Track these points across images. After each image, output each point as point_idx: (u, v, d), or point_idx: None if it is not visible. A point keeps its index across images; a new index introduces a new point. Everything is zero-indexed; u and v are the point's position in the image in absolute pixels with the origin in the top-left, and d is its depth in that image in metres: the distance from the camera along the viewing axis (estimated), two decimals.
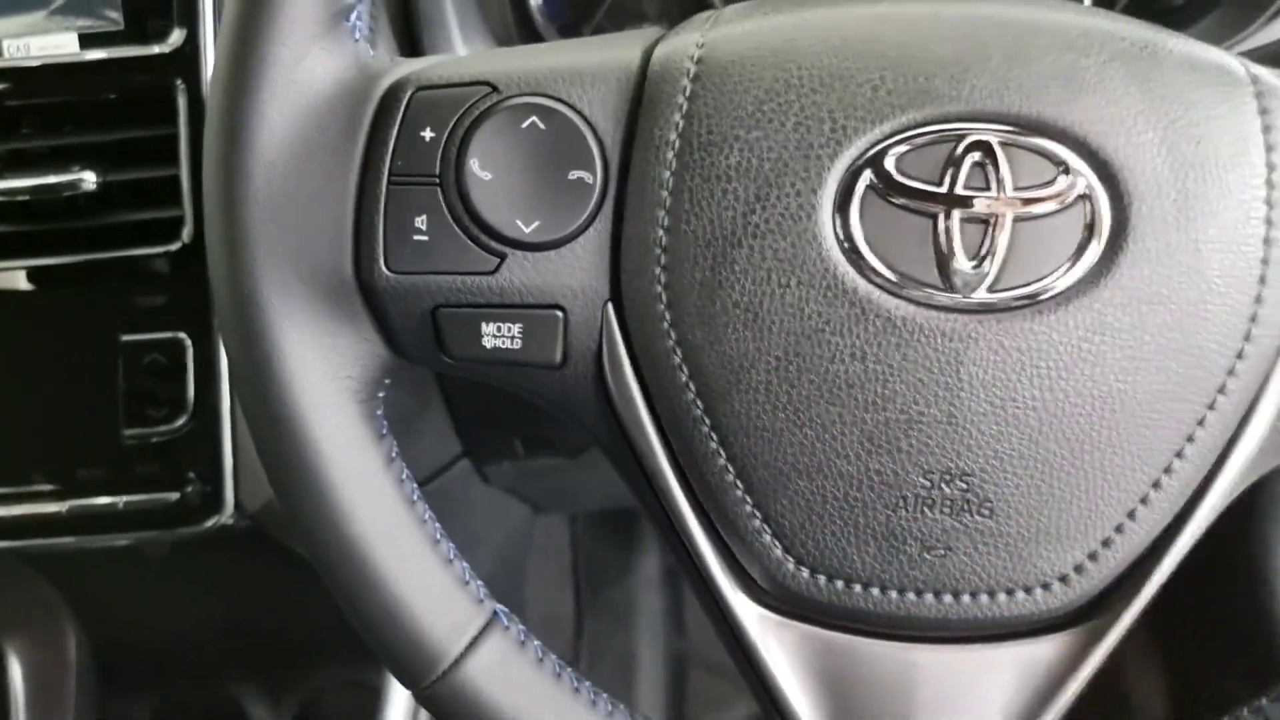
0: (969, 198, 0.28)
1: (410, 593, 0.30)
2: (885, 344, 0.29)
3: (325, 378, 0.30)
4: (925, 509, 0.29)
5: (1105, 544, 0.30)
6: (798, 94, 0.29)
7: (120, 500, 0.48)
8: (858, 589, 0.30)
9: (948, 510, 0.29)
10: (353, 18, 0.30)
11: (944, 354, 0.29)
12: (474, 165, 0.29)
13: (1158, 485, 0.30)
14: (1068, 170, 0.28)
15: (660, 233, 0.29)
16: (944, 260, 0.28)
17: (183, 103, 0.44)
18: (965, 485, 0.29)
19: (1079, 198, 0.28)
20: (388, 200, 0.29)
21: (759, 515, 0.30)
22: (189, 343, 0.46)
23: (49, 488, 0.48)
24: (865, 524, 0.30)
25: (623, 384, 0.30)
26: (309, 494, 0.30)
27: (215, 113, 0.29)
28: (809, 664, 0.32)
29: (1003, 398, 0.29)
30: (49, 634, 0.68)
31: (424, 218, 0.29)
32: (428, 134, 0.29)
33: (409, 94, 0.30)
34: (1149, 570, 0.31)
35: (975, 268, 0.28)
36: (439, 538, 0.32)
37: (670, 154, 0.29)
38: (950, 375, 0.29)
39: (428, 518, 0.32)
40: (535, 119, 0.29)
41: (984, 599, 0.30)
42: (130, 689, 0.67)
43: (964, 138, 0.28)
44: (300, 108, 0.29)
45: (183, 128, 0.44)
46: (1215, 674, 0.97)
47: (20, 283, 0.47)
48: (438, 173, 0.29)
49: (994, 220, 0.28)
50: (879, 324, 0.29)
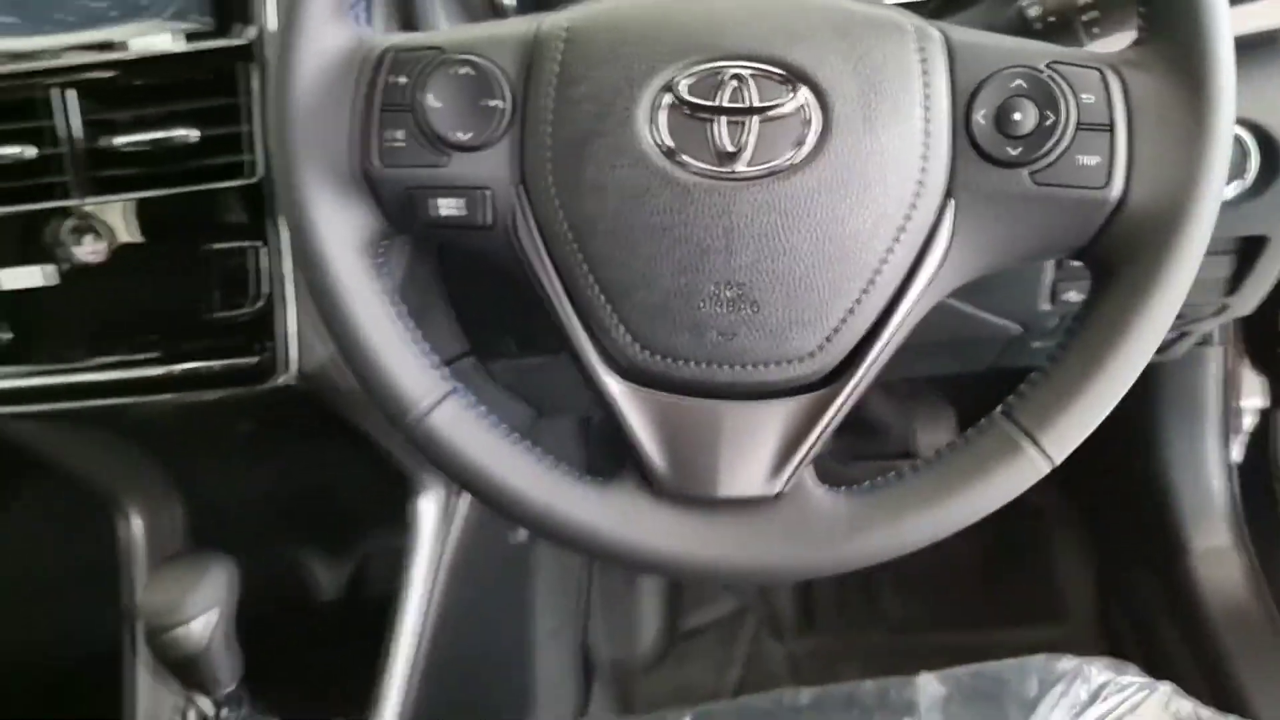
0: (730, 108, 0.46)
1: (391, 360, 0.49)
2: (683, 202, 0.46)
3: (341, 234, 0.48)
4: (715, 306, 0.47)
5: (836, 330, 0.47)
6: (624, 47, 0.46)
7: (213, 364, 0.67)
8: (680, 363, 0.48)
9: (730, 307, 0.46)
10: (357, 9, 0.49)
11: (720, 207, 0.46)
12: (430, 99, 0.47)
13: (866, 291, 0.46)
14: (794, 90, 0.46)
15: (546, 138, 0.47)
16: (717, 148, 0.46)
17: (255, 79, 0.63)
18: (739, 290, 0.46)
19: (799, 107, 0.46)
20: (378, 122, 0.48)
21: (616, 316, 0.47)
22: (260, 248, 0.65)
23: (158, 355, 0.67)
24: (681, 319, 0.47)
25: (529, 236, 0.48)
26: (330, 299, 0.48)
27: (272, 71, 0.48)
28: (651, 417, 0.49)
29: (758, 233, 0.46)
30: (158, 500, 0.88)
31: (400, 132, 0.47)
32: (400, 80, 0.47)
33: (389, 56, 0.48)
34: (866, 351, 0.47)
35: (736, 152, 0.46)
36: (416, 338, 0.50)
37: (550, 89, 0.47)
38: (725, 219, 0.46)
39: (408, 325, 0.50)
40: (467, 69, 0.47)
41: (760, 369, 0.47)
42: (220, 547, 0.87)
43: (726, 71, 0.46)
44: (322, 64, 0.47)
45: (255, 95, 0.63)
46: (1129, 553, 1.12)
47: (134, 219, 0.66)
48: (408, 104, 0.47)
49: (746, 123, 0.46)
50: (679, 190, 0.46)
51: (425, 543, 0.86)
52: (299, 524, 0.95)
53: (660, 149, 0.46)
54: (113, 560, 0.86)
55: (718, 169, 0.46)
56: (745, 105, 0.45)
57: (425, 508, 0.85)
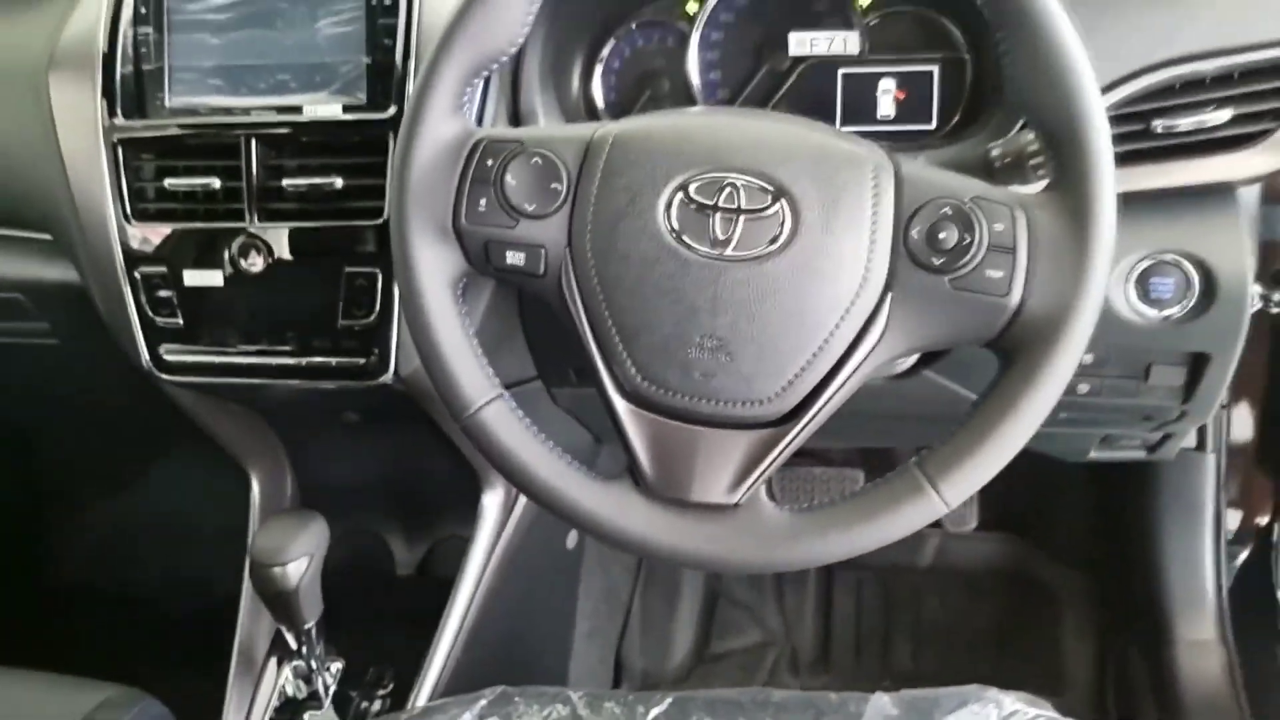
0: (724, 208, 0.61)
1: (458, 368, 0.65)
2: (683, 272, 0.61)
3: (433, 272, 0.65)
4: (700, 353, 0.62)
5: (791, 381, 0.61)
6: (653, 155, 0.63)
7: (333, 360, 0.86)
8: (671, 394, 0.63)
9: (711, 355, 0.62)
10: (465, 106, 0.67)
11: (710, 279, 0.61)
12: (509, 178, 0.64)
13: (817, 354, 0.61)
14: (774, 200, 0.61)
15: (589, 215, 0.63)
16: (712, 236, 0.61)
17: (391, 144, 0.82)
18: (719, 343, 0.61)
19: (776, 212, 0.61)
20: (469, 191, 0.65)
21: (626, 352, 0.63)
22: (379, 275, 0.84)
23: (293, 349, 0.86)
24: (674, 359, 0.62)
25: (570, 286, 0.64)
26: (419, 317, 0.65)
27: (397, 146, 0.66)
28: (646, 433, 0.64)
29: (737, 301, 0.61)
30: (277, 468, 1.07)
31: (484, 200, 0.65)
32: (489, 162, 0.65)
33: (483, 144, 0.65)
34: (815, 400, 0.62)
35: (726, 240, 0.61)
36: (479, 354, 0.67)
37: (596, 179, 0.63)
38: (712, 289, 0.61)
39: (475, 344, 0.67)
40: (538, 158, 0.64)
41: (731, 405, 0.62)
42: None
43: (725, 180, 0.61)
44: (435, 147, 0.65)
45: (389, 157, 0.82)
46: (1125, 637, 1.21)
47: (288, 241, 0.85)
48: (492, 180, 0.65)
49: (736, 220, 0.61)
50: (681, 263, 0.62)
51: (485, 533, 1.02)
52: (386, 503, 1.13)
53: (671, 232, 0.62)
54: (237, 513, 1.05)
55: (711, 251, 0.61)
56: (735, 207, 0.61)
57: (490, 502, 1.02)
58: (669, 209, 0.62)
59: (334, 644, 0.96)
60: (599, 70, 0.89)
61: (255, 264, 0.85)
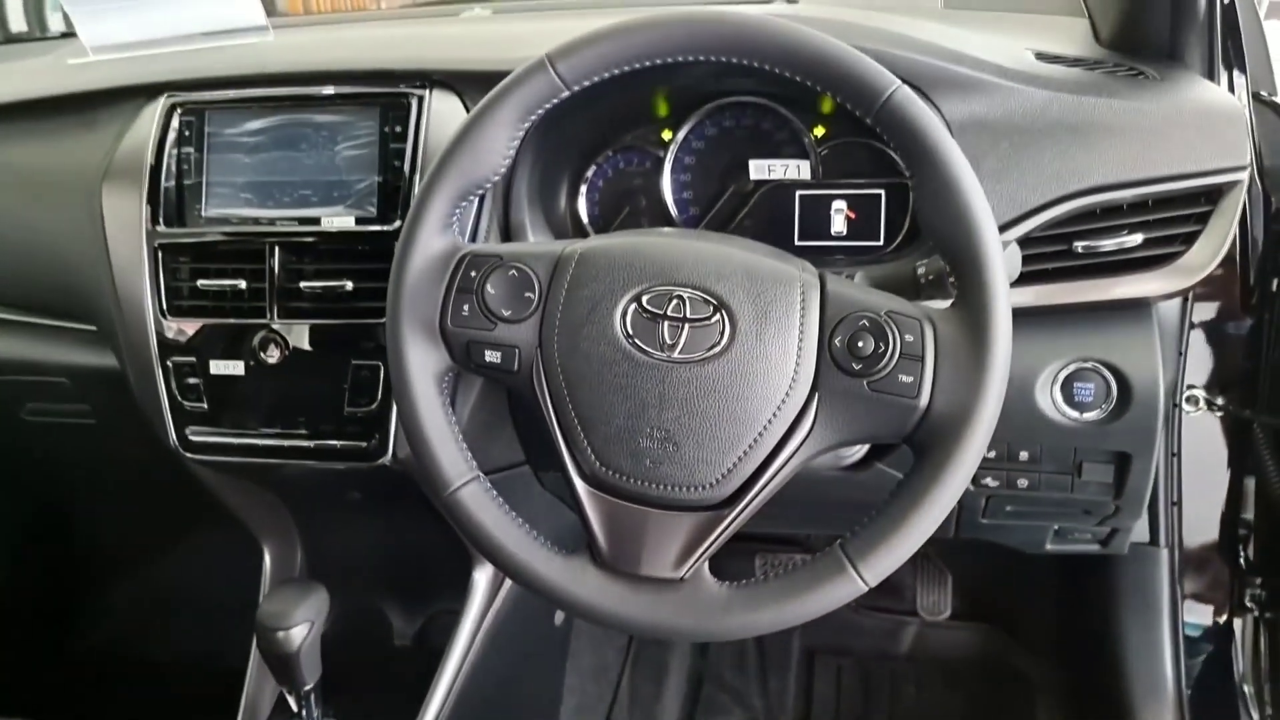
0: (671, 317, 0.71)
1: (439, 451, 0.74)
2: (635, 372, 0.71)
3: (421, 366, 0.75)
4: (649, 442, 0.70)
5: (730, 470, 0.70)
6: (613, 270, 0.72)
7: (339, 443, 0.95)
8: (624, 478, 0.71)
9: (659, 445, 0.70)
10: (454, 224, 0.77)
11: (658, 378, 0.70)
12: (488, 287, 0.74)
13: (752, 445, 0.69)
14: (714, 311, 0.70)
15: (556, 320, 0.73)
16: (660, 341, 0.71)
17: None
18: (666, 434, 0.70)
19: (716, 321, 0.70)
20: (454, 298, 0.75)
21: (585, 440, 0.71)
22: (381, 367, 0.94)
23: (305, 432, 0.96)
24: (626, 448, 0.71)
25: (539, 381, 0.73)
26: (407, 405, 0.74)
27: (394, 257, 0.76)
28: (602, 513, 0.72)
29: (681, 398, 0.70)
30: (286, 542, 1.16)
31: (466, 306, 0.74)
32: (472, 273, 0.75)
33: (468, 258, 0.76)
34: (751, 487, 0.70)
35: (673, 345, 0.71)
36: (459, 439, 0.76)
37: (563, 290, 0.73)
38: (660, 387, 0.70)
39: (455, 431, 0.76)
40: (514, 271, 0.74)
41: (676, 490, 0.70)
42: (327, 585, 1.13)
43: (674, 292, 0.71)
44: (425, 258, 0.75)
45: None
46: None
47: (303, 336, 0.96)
48: (474, 289, 0.75)
49: (681, 327, 0.71)
50: (633, 364, 0.71)
51: (475, 607, 1.10)
52: (386, 577, 1.21)
53: (626, 337, 0.71)
54: (251, 587, 1.14)
55: (660, 354, 0.70)
56: (681, 316, 0.71)
57: (479, 578, 1.10)
58: (624, 317, 0.71)
59: (332, 707, 1.03)
60: (583, 189, 1.00)
61: (273, 356, 0.96)
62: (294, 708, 1.02)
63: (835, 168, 0.95)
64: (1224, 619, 1.25)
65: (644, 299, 0.71)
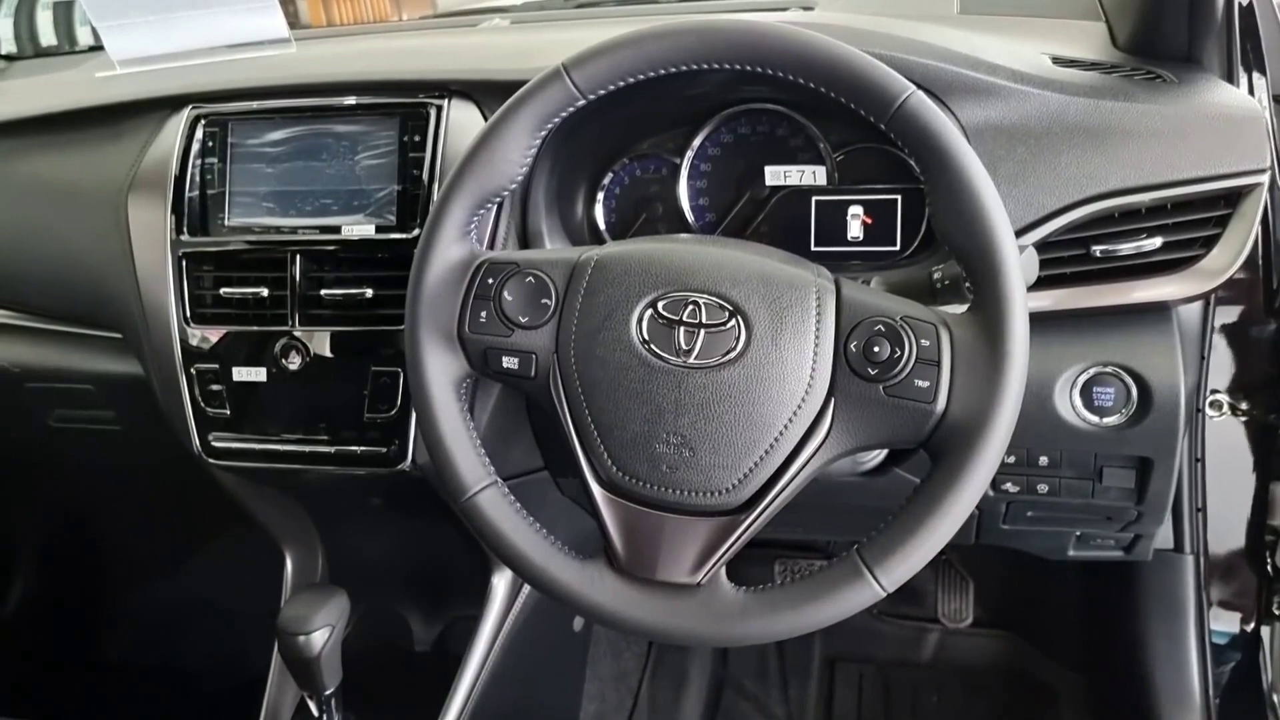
0: (687, 323, 0.71)
1: (457, 457, 0.75)
2: (651, 378, 0.71)
3: (439, 373, 0.76)
4: (665, 448, 0.71)
5: (746, 475, 0.70)
6: (628, 276, 0.73)
7: (359, 449, 0.96)
8: (640, 484, 0.72)
9: (675, 450, 0.71)
10: (471, 232, 0.78)
11: (673, 384, 0.71)
12: (505, 294, 0.75)
13: (769, 450, 0.70)
14: (730, 316, 0.71)
15: (573, 326, 0.74)
16: (676, 346, 0.71)
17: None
18: (682, 439, 0.71)
19: (731, 327, 0.71)
20: (471, 305, 0.76)
21: (602, 445, 0.72)
22: (401, 374, 0.95)
23: (326, 438, 0.97)
24: (642, 453, 0.71)
25: (556, 387, 0.74)
26: (425, 412, 0.75)
27: (413, 265, 0.77)
28: (620, 518, 0.73)
29: (697, 403, 0.70)
30: (308, 548, 1.17)
31: (484, 312, 0.75)
32: (489, 280, 0.76)
33: (485, 265, 0.76)
34: (768, 492, 0.70)
35: (688, 350, 0.71)
36: (477, 444, 0.76)
37: (580, 296, 0.74)
38: (675, 392, 0.71)
39: (474, 436, 0.76)
40: (531, 278, 0.75)
41: (693, 495, 0.71)
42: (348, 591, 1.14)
43: (689, 298, 0.71)
44: (444, 267, 0.76)
45: None
46: None
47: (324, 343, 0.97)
48: (491, 296, 0.75)
49: (697, 333, 0.71)
50: (649, 369, 0.71)
51: (493, 613, 1.11)
52: (406, 582, 1.22)
53: (642, 343, 0.71)
54: (273, 594, 1.15)
55: (675, 360, 0.71)
56: (697, 322, 0.71)
57: (498, 583, 1.11)
58: (640, 322, 0.72)
59: (352, 712, 1.04)
60: (600, 196, 1.01)
61: (295, 363, 0.97)
62: (314, 712, 1.03)
63: (851, 173, 0.95)
64: (1252, 626, 1.24)
65: (660, 305, 0.72)
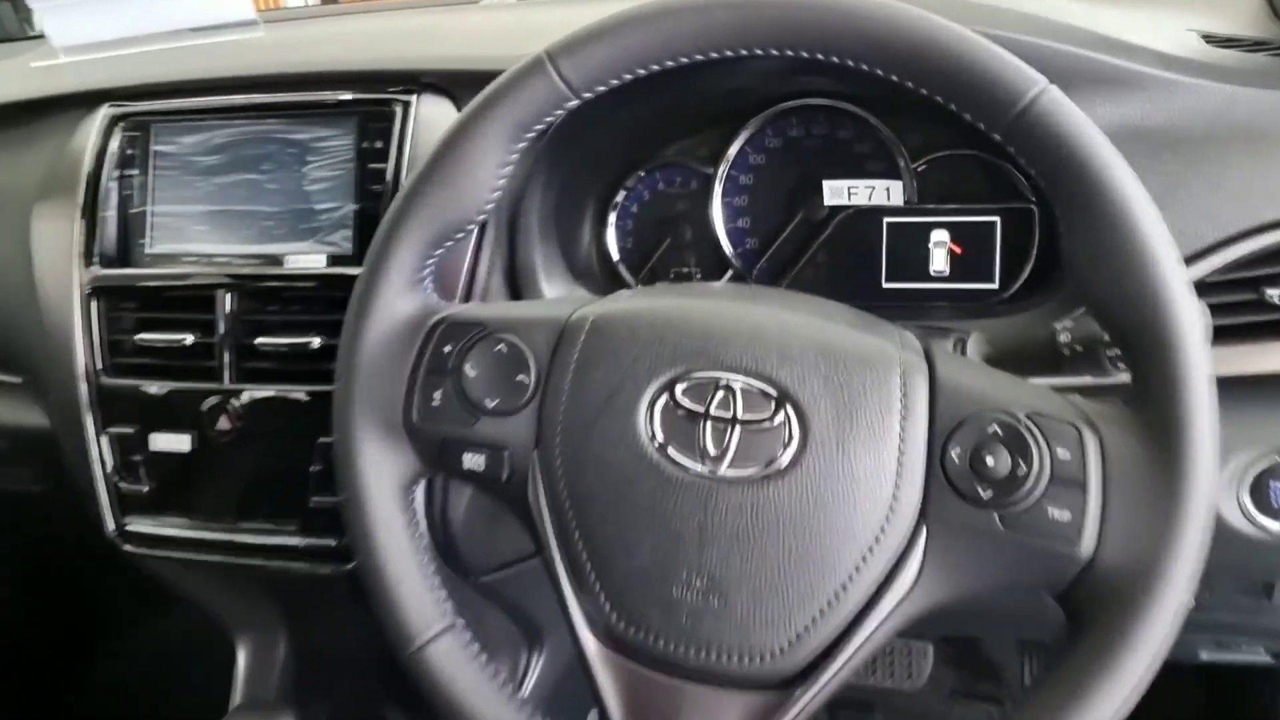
0: (716, 416, 0.50)
1: (402, 594, 0.55)
2: (666, 491, 0.50)
3: (379, 475, 0.55)
4: (687, 591, 0.50)
5: (800, 635, 0.49)
6: (635, 346, 0.52)
7: (301, 541, 0.76)
8: (650, 638, 0.51)
9: (700, 596, 0.50)
10: (426, 279, 0.57)
11: (697, 502, 0.50)
12: (468, 368, 0.54)
13: (832, 603, 0.49)
14: (778, 406, 0.49)
15: (560, 413, 0.53)
16: (702, 449, 0.50)
17: None
18: (709, 581, 0.50)
19: (781, 423, 0.49)
20: (423, 383, 0.55)
21: (598, 581, 0.51)
22: None
23: (262, 526, 0.77)
24: (653, 594, 0.50)
25: (536, 495, 0.53)
26: (360, 529, 0.55)
27: (345, 326, 0.56)
28: (621, 683, 0.52)
29: (730, 532, 0.49)
30: (267, 636, 0.97)
31: (440, 392, 0.55)
32: (447, 348, 0.55)
33: (441, 327, 0.56)
34: (830, 660, 0.49)
35: (719, 455, 0.50)
36: (429, 573, 0.56)
37: (569, 370, 0.53)
38: (700, 514, 0.50)
39: (424, 561, 0.56)
40: (503, 345, 0.54)
41: (724, 659, 0.50)
42: (314, 689, 0.95)
43: (720, 380, 0.50)
44: (388, 329, 0.56)
45: None
46: None
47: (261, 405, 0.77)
48: (449, 370, 0.55)
49: (730, 430, 0.50)
50: (663, 480, 0.50)
51: None
52: (389, 678, 1.02)
53: (653, 441, 0.51)
54: (217, 683, 0.96)
55: (700, 468, 0.50)
56: (731, 415, 0.50)
57: None
58: (651, 412, 0.51)
59: None
60: (612, 218, 0.80)
61: (226, 428, 0.77)
62: None
63: (936, 188, 0.73)
64: None
65: (679, 388, 0.51)
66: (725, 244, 0.78)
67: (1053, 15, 0.70)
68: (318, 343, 0.74)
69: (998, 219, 0.72)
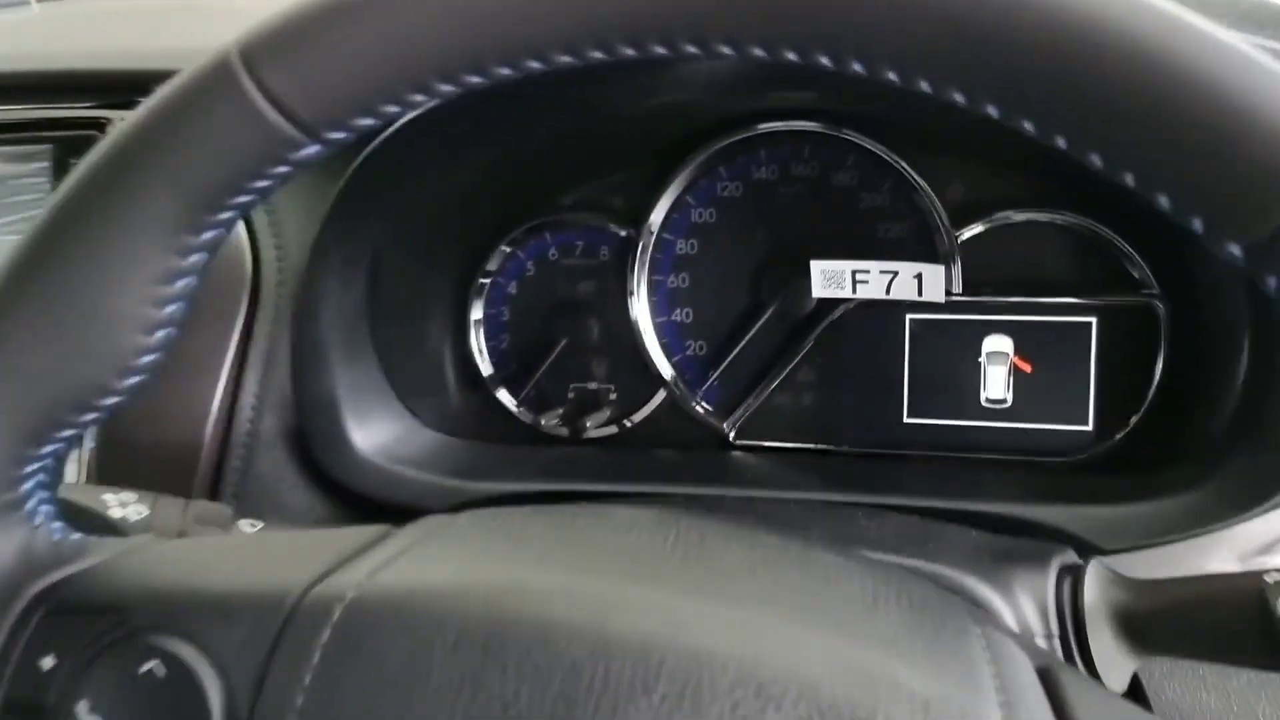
0: None
1: None
2: None
3: None
4: None
5: None
6: (422, 678, 0.24)
7: None
8: None
9: None
10: (33, 500, 0.28)
11: None
12: (82, 708, 0.26)
13: None
14: None
15: None
16: None
17: None
18: None
19: None
20: None
21: None
22: None
23: None
24: None
25: None
26: None
27: None
28: None
29: None
30: None
31: None
32: (48, 662, 0.26)
33: (39, 614, 0.27)
34: None
35: None
36: None
37: (295, 703, 0.24)
38: None
39: None
40: (157, 662, 0.26)
41: None
42: None
43: None
44: None
45: None
46: None
47: None
48: (48, 707, 0.26)
49: None
50: None
51: None
52: None
53: None
54: None
55: None
56: None
57: None
58: None
59: None
60: (477, 306, 0.51)
61: None
62: None
63: (991, 270, 0.45)
64: None
65: None
66: (653, 350, 0.49)
67: None
68: None
69: (1093, 320, 0.45)
